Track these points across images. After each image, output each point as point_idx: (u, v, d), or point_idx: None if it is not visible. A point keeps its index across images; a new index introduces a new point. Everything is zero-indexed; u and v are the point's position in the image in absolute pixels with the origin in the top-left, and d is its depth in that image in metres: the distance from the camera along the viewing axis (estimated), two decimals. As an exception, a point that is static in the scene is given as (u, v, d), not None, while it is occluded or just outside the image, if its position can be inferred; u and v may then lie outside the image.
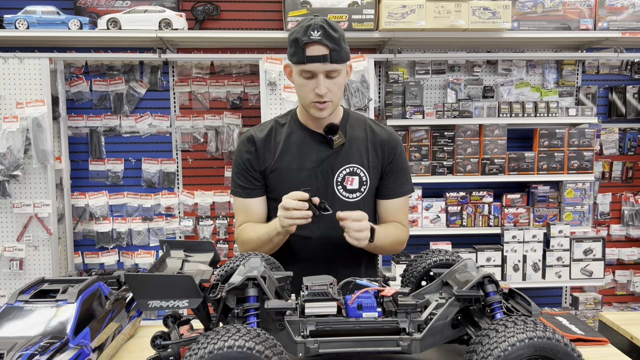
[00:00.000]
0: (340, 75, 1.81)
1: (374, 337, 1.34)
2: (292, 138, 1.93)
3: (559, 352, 1.13)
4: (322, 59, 1.73)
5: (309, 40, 1.72)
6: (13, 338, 1.33)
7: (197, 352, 1.10)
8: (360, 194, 1.93)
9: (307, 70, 1.77)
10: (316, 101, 1.80)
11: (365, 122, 2.00)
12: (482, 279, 1.39)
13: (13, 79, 3.63)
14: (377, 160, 1.94)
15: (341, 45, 1.77)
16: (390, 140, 1.96)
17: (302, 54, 1.75)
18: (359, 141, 1.94)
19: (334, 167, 1.90)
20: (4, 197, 3.64)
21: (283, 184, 1.90)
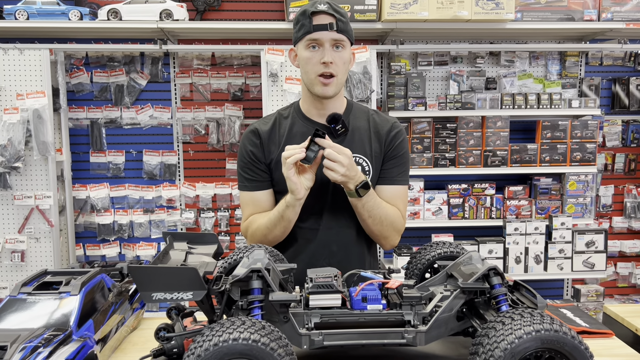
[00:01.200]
0: (345, 50, 1.81)
1: (379, 330, 1.33)
2: (295, 129, 1.93)
3: (566, 344, 1.13)
4: (329, 26, 1.75)
5: (316, 9, 1.77)
6: (16, 330, 1.32)
7: (201, 345, 1.10)
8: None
9: (314, 39, 1.77)
10: (322, 74, 1.79)
11: (368, 113, 2.00)
12: (488, 271, 1.38)
13: (13, 70, 3.61)
14: (379, 148, 1.93)
15: (346, 19, 1.81)
16: (392, 129, 1.96)
17: (309, 24, 1.77)
18: (361, 131, 1.94)
19: None
20: (4, 189, 3.64)
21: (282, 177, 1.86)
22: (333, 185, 1.89)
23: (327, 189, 1.90)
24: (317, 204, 1.90)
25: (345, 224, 1.93)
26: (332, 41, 1.77)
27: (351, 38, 1.84)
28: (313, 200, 1.87)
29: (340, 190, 1.88)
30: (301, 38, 1.80)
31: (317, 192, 1.87)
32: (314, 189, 1.84)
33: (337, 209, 1.91)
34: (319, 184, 1.86)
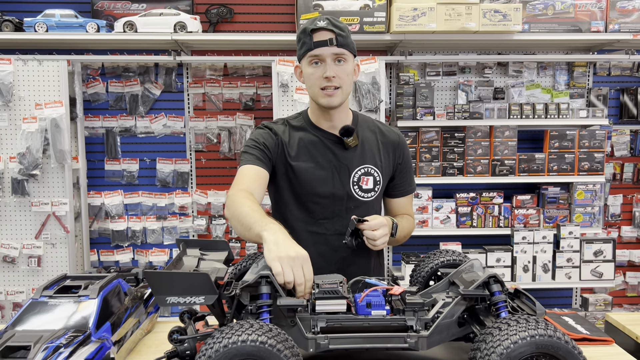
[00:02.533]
0: (347, 63, 1.86)
1: (382, 334, 1.39)
2: (307, 138, 1.97)
3: (560, 349, 1.18)
4: (329, 42, 1.80)
5: (316, 27, 1.81)
6: (39, 331, 1.40)
7: (212, 347, 1.16)
8: (375, 193, 2.00)
9: (315, 55, 1.83)
10: (325, 86, 1.85)
11: (374, 124, 2.07)
12: (488, 278, 1.43)
13: (32, 81, 3.72)
14: (388, 161, 2.02)
15: (346, 33, 1.85)
16: (400, 142, 2.06)
17: (310, 41, 1.82)
18: (370, 142, 2.01)
19: (350, 168, 1.96)
20: (23, 196, 3.74)
21: (302, 181, 1.93)
22: (346, 195, 1.96)
23: (342, 199, 1.97)
24: (328, 210, 1.96)
25: None
26: (334, 56, 1.82)
27: (353, 51, 1.88)
28: (326, 208, 1.95)
29: (352, 199, 1.96)
30: (304, 55, 1.86)
31: (330, 201, 1.95)
32: (327, 198, 1.93)
33: (348, 216, 1.97)
34: (332, 196, 1.94)
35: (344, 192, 1.95)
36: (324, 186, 1.93)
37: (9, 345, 1.32)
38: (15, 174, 3.70)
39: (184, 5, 3.99)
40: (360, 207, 1.96)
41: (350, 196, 1.96)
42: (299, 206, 1.97)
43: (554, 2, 3.79)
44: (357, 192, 1.97)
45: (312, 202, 1.95)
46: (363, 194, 1.98)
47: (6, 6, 4.04)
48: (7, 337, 1.35)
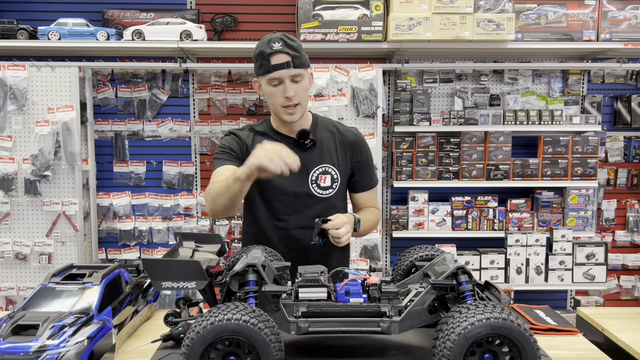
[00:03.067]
0: (303, 80, 2.02)
1: (358, 319, 1.52)
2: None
3: (513, 331, 1.30)
4: (286, 65, 1.94)
5: (272, 50, 1.94)
6: (47, 312, 1.54)
7: (201, 324, 1.30)
8: (332, 190, 2.15)
9: (275, 78, 1.97)
10: (286, 105, 2.00)
11: (333, 125, 2.23)
12: (456, 270, 1.56)
13: (45, 86, 3.89)
14: (346, 159, 2.17)
15: (301, 53, 1.99)
16: (357, 141, 2.20)
17: (268, 64, 1.95)
18: (328, 143, 2.16)
19: (308, 168, 2.11)
20: (35, 196, 3.91)
21: (264, 182, 2.02)
22: (306, 193, 2.12)
23: (302, 197, 2.13)
24: (290, 207, 2.13)
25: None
26: (291, 77, 1.97)
27: (307, 66, 2.02)
28: (288, 205, 2.12)
29: (311, 196, 2.13)
30: (262, 75, 1.99)
31: (291, 198, 2.11)
32: (288, 196, 2.10)
33: (309, 213, 2.11)
34: (293, 194, 2.10)
35: (304, 190, 2.11)
36: (285, 185, 2.08)
37: (20, 324, 1.47)
38: (28, 174, 3.87)
39: (190, 14, 4.16)
40: (319, 204, 2.12)
41: (310, 194, 2.12)
42: (264, 204, 2.14)
43: (547, 12, 3.92)
44: (315, 190, 2.13)
45: (275, 200, 2.12)
46: (321, 191, 2.14)
47: (21, 15, 4.23)
48: (18, 317, 1.50)
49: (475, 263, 4.08)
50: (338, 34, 3.81)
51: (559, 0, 3.93)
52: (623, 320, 1.97)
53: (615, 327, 1.88)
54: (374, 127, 3.91)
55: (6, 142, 3.85)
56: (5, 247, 3.94)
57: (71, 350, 1.41)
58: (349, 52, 4.06)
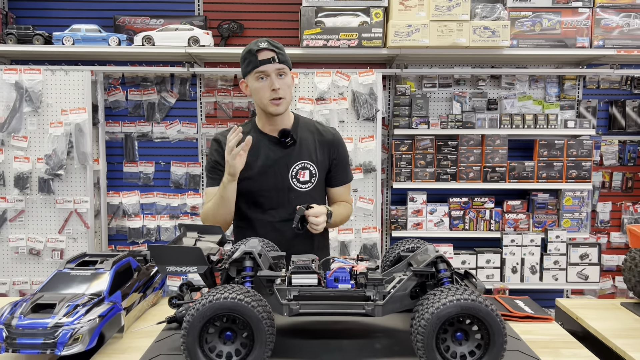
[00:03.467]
0: (287, 76, 2.21)
1: (345, 302, 1.66)
2: (252, 141, 2.25)
3: (481, 311, 1.44)
4: (272, 60, 2.14)
5: (259, 47, 2.15)
6: (62, 294, 1.70)
7: (201, 302, 1.45)
8: (311, 184, 2.34)
9: (262, 71, 2.15)
10: (273, 98, 2.18)
11: (313, 126, 2.41)
12: (436, 258, 1.70)
13: (59, 89, 4.08)
14: (324, 156, 2.36)
15: (283, 52, 2.20)
16: (334, 140, 2.39)
17: (255, 60, 2.15)
18: (308, 141, 2.34)
19: (288, 164, 2.30)
20: (48, 194, 4.09)
21: (248, 179, 2.25)
22: (287, 187, 2.30)
23: (284, 191, 2.31)
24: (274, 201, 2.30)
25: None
26: (277, 71, 2.16)
27: (290, 66, 2.22)
28: (271, 199, 2.29)
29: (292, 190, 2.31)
30: (250, 71, 2.17)
31: (274, 193, 2.29)
32: (271, 191, 2.28)
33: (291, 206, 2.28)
34: (275, 188, 2.29)
35: (285, 184, 2.29)
36: (268, 180, 2.28)
37: (39, 303, 1.63)
38: (42, 173, 4.05)
39: (197, 21, 4.33)
40: (300, 197, 2.30)
41: (290, 188, 2.30)
42: (251, 200, 2.32)
43: (541, 19, 4.05)
44: (295, 184, 2.31)
45: (260, 196, 2.30)
46: (301, 185, 2.32)
47: (37, 21, 4.43)
48: (37, 297, 1.66)
49: (471, 262, 4.21)
50: (339, 40, 3.97)
51: (553, 8, 4.06)
52: (597, 310, 2.09)
53: (589, 316, 2.00)
54: (373, 130, 4.06)
55: (22, 142, 4.04)
56: (20, 242, 4.12)
57: (84, 326, 1.57)
58: (350, 57, 4.21)
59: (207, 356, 1.47)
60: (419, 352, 1.47)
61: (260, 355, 1.46)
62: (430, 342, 1.45)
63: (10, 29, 4.04)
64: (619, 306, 2.15)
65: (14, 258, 4.15)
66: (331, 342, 1.72)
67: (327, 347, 1.68)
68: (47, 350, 1.52)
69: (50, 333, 1.54)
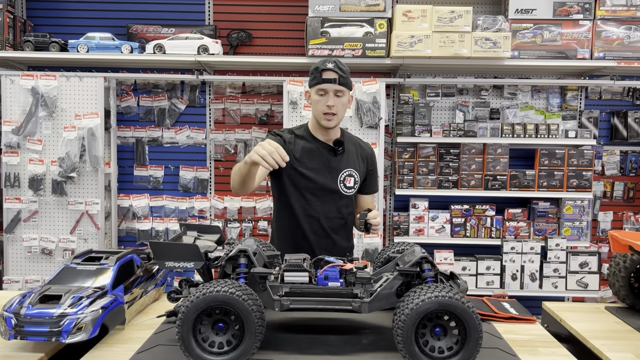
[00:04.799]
0: (344, 97, 2.43)
1: (334, 299, 1.75)
2: (308, 146, 2.53)
3: (457, 307, 1.52)
4: (333, 81, 2.37)
5: (325, 67, 2.39)
6: (68, 287, 1.81)
7: (195, 294, 1.56)
8: (354, 190, 2.57)
9: (322, 89, 2.38)
10: (326, 112, 2.40)
11: (355, 140, 2.67)
12: (421, 259, 1.79)
13: (73, 95, 4.23)
14: (363, 167, 2.61)
15: (347, 75, 2.41)
16: (372, 154, 2.67)
17: (319, 77, 2.39)
18: (352, 153, 2.59)
19: (339, 170, 2.53)
20: (61, 196, 4.23)
21: (303, 177, 2.47)
22: (335, 190, 2.51)
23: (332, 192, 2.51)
24: (321, 200, 2.51)
25: (338, 213, 2.54)
26: (335, 91, 2.38)
27: (350, 88, 2.43)
28: (319, 198, 2.49)
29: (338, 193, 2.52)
30: (314, 86, 2.42)
31: (323, 193, 2.49)
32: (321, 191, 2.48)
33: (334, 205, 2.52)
34: (325, 189, 2.49)
35: (334, 187, 2.52)
36: (320, 182, 2.49)
37: (46, 294, 1.74)
38: (55, 176, 4.20)
39: (208, 30, 4.47)
40: (343, 200, 2.54)
41: (337, 191, 2.52)
42: (300, 195, 2.52)
43: (542, 31, 4.13)
44: (342, 188, 2.53)
45: (309, 193, 2.51)
46: (346, 189, 2.55)
47: (53, 29, 4.60)
48: (44, 289, 1.78)
49: (472, 269, 4.27)
50: (344, 50, 4.08)
51: (554, 21, 4.14)
52: (581, 313, 2.16)
53: (573, 319, 2.07)
54: (376, 137, 4.15)
55: (37, 146, 4.19)
56: (32, 242, 4.27)
57: (88, 316, 1.68)
58: (354, 66, 4.32)
59: (200, 345, 1.57)
60: (399, 346, 1.56)
61: (250, 345, 1.56)
62: (409, 336, 1.54)
63: (27, 37, 4.21)
64: (602, 310, 2.21)
65: (27, 257, 4.30)
66: (319, 337, 1.81)
67: (314, 341, 1.77)
68: (53, 338, 1.63)
69: (55, 322, 1.65)
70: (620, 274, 2.16)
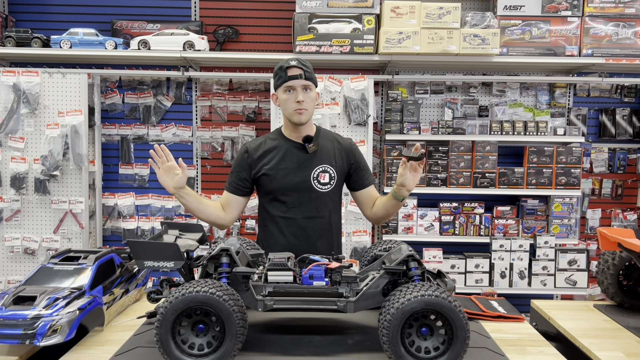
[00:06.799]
0: (312, 92, 2.43)
1: (318, 299, 1.71)
2: (278, 146, 2.50)
3: (444, 306, 1.49)
4: (299, 76, 2.37)
5: (289, 65, 2.38)
6: (44, 287, 1.76)
7: (174, 295, 1.51)
8: (330, 186, 2.50)
9: (289, 86, 2.37)
10: (297, 109, 2.38)
11: (332, 135, 2.61)
12: (407, 257, 1.75)
13: (56, 91, 4.15)
14: (342, 162, 2.53)
15: (311, 71, 2.41)
16: (351, 148, 2.58)
17: (285, 75, 2.38)
18: (328, 148, 2.53)
19: (310, 167, 2.47)
20: (44, 194, 4.15)
21: (273, 181, 2.45)
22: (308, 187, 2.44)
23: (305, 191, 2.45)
24: (296, 200, 2.46)
25: (319, 213, 2.48)
26: (302, 86, 2.37)
27: (315, 83, 2.43)
28: (294, 198, 2.45)
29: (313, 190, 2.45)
30: (280, 85, 2.40)
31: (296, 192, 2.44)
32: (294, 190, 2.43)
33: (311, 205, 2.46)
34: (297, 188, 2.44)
35: (307, 185, 2.45)
36: (291, 180, 2.44)
37: (20, 295, 1.69)
38: (38, 174, 4.11)
39: (194, 26, 4.40)
40: (319, 197, 2.47)
41: (311, 188, 2.46)
42: (275, 199, 2.49)
43: (531, 28, 4.11)
44: (316, 185, 2.47)
45: (283, 195, 2.47)
46: (321, 186, 2.48)
47: (36, 25, 4.50)
48: (19, 290, 1.72)
49: (460, 267, 4.25)
50: (332, 46, 4.03)
51: (543, 17, 4.12)
52: (570, 311, 2.14)
53: (561, 317, 2.05)
54: (365, 135, 4.11)
55: (18, 143, 4.11)
56: (15, 242, 4.18)
57: (63, 318, 1.62)
58: (342, 63, 4.28)
59: (180, 348, 1.52)
60: (385, 346, 1.52)
61: (231, 347, 1.51)
62: (395, 336, 1.50)
63: (9, 32, 4.13)
64: (591, 308, 2.19)
65: (9, 257, 4.22)
66: (304, 338, 1.77)
67: (299, 342, 1.73)
68: (27, 341, 1.58)
69: (29, 324, 1.59)
70: (609, 271, 2.14)
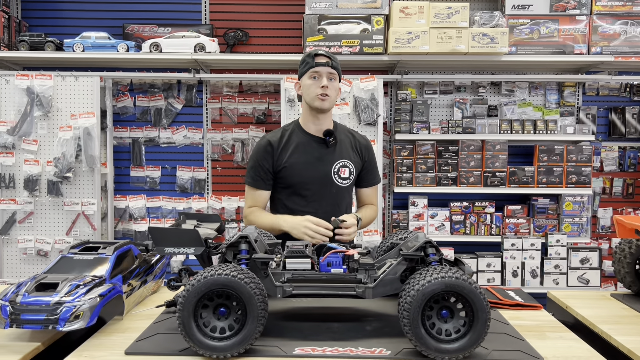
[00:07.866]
0: (336, 81, 2.47)
1: (336, 284, 1.72)
2: (298, 140, 2.53)
3: (465, 288, 1.49)
4: (326, 64, 2.42)
5: (317, 53, 2.45)
6: (65, 275, 1.77)
7: (197, 278, 1.52)
8: (349, 181, 2.54)
9: (316, 71, 2.42)
10: (320, 94, 2.41)
11: (349, 131, 2.65)
12: (425, 243, 1.75)
13: (69, 94, 4.19)
14: (358, 158, 2.57)
15: (337, 62, 2.46)
16: (367, 145, 2.64)
17: (312, 61, 2.44)
18: (346, 143, 2.57)
19: (331, 161, 2.51)
20: (57, 196, 4.18)
21: (295, 174, 2.48)
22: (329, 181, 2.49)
23: (326, 185, 2.49)
24: (316, 194, 2.49)
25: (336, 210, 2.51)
26: (328, 74, 2.42)
27: (340, 74, 2.48)
28: (314, 192, 2.48)
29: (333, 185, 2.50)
30: (306, 71, 2.45)
31: (317, 186, 2.47)
32: (315, 184, 2.47)
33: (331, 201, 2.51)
34: (318, 182, 2.47)
35: (328, 179, 2.49)
36: (312, 174, 2.47)
37: (43, 282, 1.70)
38: (51, 176, 4.15)
39: (204, 29, 4.45)
40: (339, 191, 2.51)
41: (332, 182, 2.49)
42: (295, 193, 2.52)
43: (539, 26, 4.13)
44: (336, 180, 2.51)
45: (304, 189, 2.49)
46: (341, 181, 2.52)
47: (49, 29, 4.57)
48: (41, 278, 1.74)
49: (472, 266, 4.24)
50: (341, 47, 4.06)
51: (551, 16, 4.14)
52: (587, 300, 2.13)
53: (579, 305, 2.04)
54: (374, 135, 4.13)
55: (32, 146, 4.15)
56: (28, 244, 4.21)
57: (85, 304, 1.64)
58: (352, 64, 4.31)
59: (202, 330, 1.53)
60: (405, 329, 1.52)
61: (252, 330, 1.52)
62: (416, 318, 1.50)
63: (23, 36, 4.18)
64: (609, 297, 2.19)
65: (22, 259, 4.24)
66: (322, 325, 1.77)
67: (317, 328, 1.74)
68: (50, 326, 1.59)
69: (52, 310, 1.61)
70: (626, 260, 2.14)
